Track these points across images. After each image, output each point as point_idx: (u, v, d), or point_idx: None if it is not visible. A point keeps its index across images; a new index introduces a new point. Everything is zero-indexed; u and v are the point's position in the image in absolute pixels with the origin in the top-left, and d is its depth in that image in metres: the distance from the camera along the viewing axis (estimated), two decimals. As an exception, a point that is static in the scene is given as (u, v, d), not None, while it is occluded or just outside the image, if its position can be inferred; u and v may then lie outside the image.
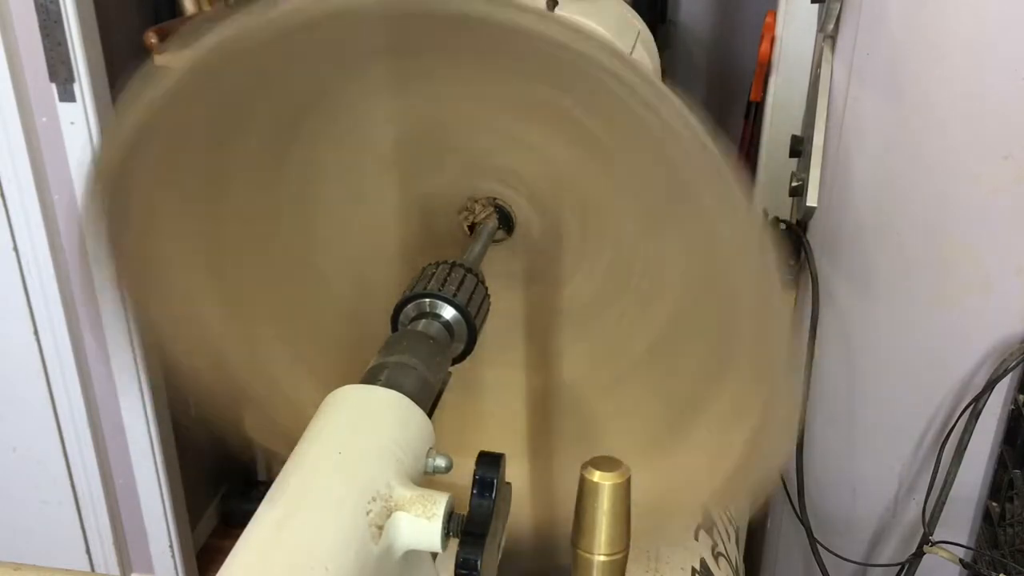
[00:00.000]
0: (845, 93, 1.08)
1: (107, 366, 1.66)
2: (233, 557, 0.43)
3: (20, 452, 1.72)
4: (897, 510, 1.21)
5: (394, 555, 0.47)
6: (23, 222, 1.51)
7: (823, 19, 1.12)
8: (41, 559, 1.79)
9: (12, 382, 1.65)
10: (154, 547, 1.84)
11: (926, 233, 1.06)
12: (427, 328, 0.61)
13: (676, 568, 0.88)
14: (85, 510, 1.76)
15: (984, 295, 1.05)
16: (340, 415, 0.51)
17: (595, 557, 0.63)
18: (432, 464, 0.52)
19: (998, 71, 0.95)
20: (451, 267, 0.65)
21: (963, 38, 0.96)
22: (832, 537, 1.23)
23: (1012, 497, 1.08)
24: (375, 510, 0.46)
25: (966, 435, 1.08)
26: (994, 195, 1.00)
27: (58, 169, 1.50)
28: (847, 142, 1.09)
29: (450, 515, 0.47)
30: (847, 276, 1.14)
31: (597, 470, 0.62)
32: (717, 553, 0.94)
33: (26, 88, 1.44)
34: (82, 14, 1.40)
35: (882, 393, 1.17)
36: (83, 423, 1.67)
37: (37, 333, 1.60)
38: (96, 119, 1.47)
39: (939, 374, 1.11)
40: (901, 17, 1.00)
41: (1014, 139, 0.97)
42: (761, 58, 1.73)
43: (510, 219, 0.76)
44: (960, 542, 1.15)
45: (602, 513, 0.62)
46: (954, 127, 1.00)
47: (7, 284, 1.56)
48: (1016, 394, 1.08)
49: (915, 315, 1.10)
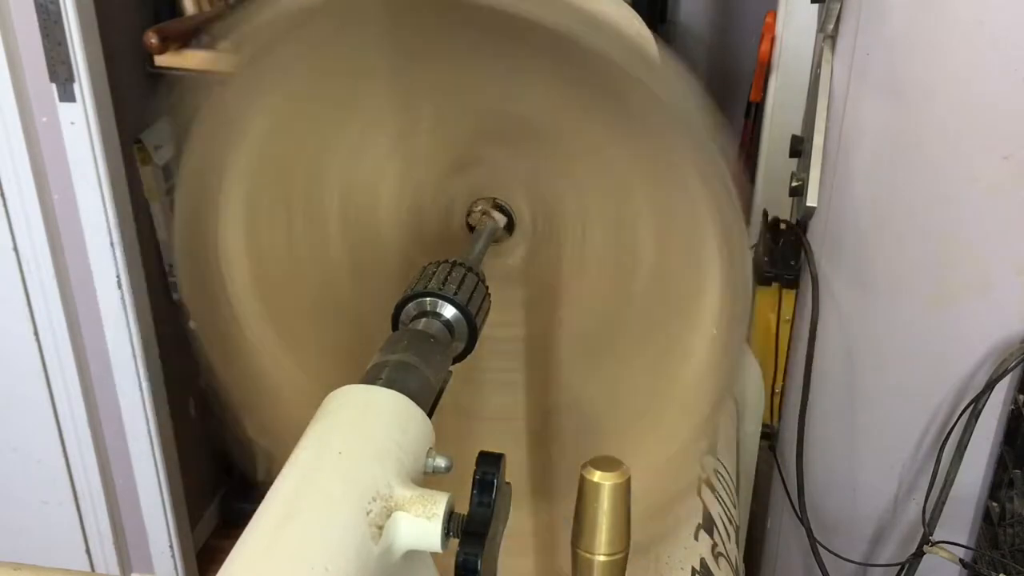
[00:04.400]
0: (845, 93, 1.08)
1: (107, 366, 1.66)
2: (233, 557, 0.43)
3: (20, 452, 1.72)
4: (897, 510, 1.21)
5: (394, 555, 0.47)
6: (23, 222, 1.51)
7: (823, 19, 1.12)
8: (41, 559, 1.79)
9: (12, 382, 1.65)
10: (154, 547, 1.84)
11: (926, 233, 1.06)
12: (428, 327, 0.61)
13: (676, 568, 0.88)
14: (85, 510, 1.76)
15: (984, 295, 1.05)
16: (340, 415, 0.51)
17: (595, 557, 0.63)
18: (432, 464, 0.52)
19: (998, 71, 0.95)
20: (452, 266, 0.65)
21: (963, 38, 0.96)
22: (832, 537, 1.23)
23: (1012, 497, 1.08)
24: (375, 510, 0.46)
25: (966, 435, 1.08)
26: (994, 195, 1.00)
27: (58, 169, 1.50)
28: (847, 142, 1.09)
29: (450, 515, 0.47)
30: (847, 276, 1.14)
31: (597, 470, 0.62)
32: (717, 553, 0.93)
33: (26, 88, 1.44)
34: (82, 14, 1.40)
35: (882, 393, 1.17)
36: (83, 423, 1.67)
37: (37, 333, 1.60)
38: (96, 119, 1.47)
39: (939, 374, 1.11)
40: (901, 17, 1.00)
41: (1014, 139, 0.97)
42: (761, 58, 1.74)
43: (510, 219, 0.76)
44: (960, 542, 1.15)
45: (602, 513, 0.62)
46: (954, 127, 1.00)
47: (7, 284, 1.56)
48: (1016, 394, 1.08)
49: (915, 315, 1.10)
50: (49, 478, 1.73)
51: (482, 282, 0.66)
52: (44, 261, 1.54)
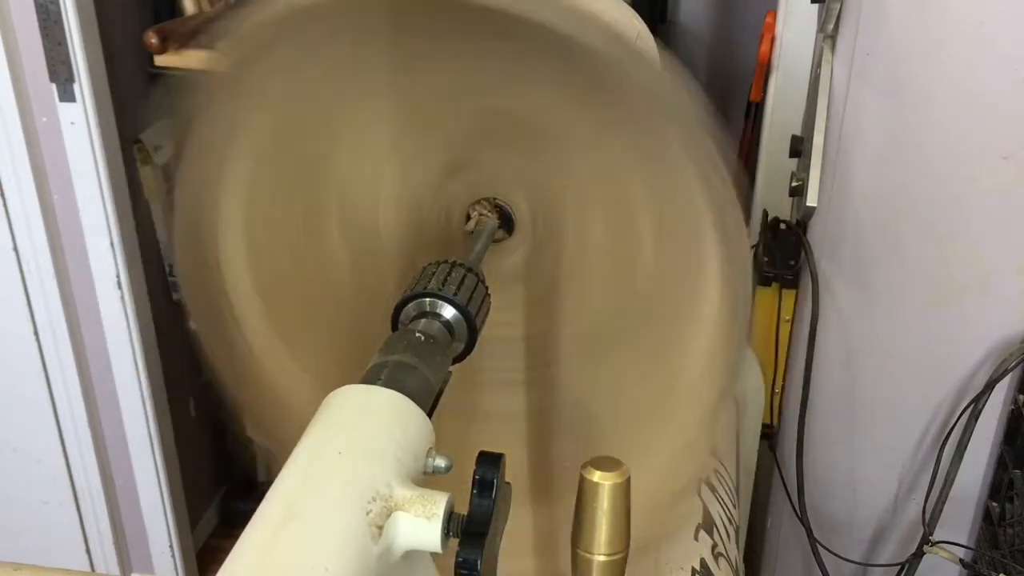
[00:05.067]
0: (845, 93, 1.08)
1: (107, 366, 1.66)
2: (233, 557, 0.43)
3: (20, 452, 1.72)
4: (897, 510, 1.21)
5: (394, 555, 0.47)
6: (23, 222, 1.51)
7: (823, 19, 1.12)
8: (41, 559, 1.79)
9: (12, 382, 1.65)
10: (154, 547, 1.84)
11: (926, 233, 1.06)
12: (427, 327, 0.61)
13: (676, 568, 0.88)
14: (85, 510, 1.76)
15: (984, 295, 1.05)
16: (340, 415, 0.51)
17: (595, 557, 0.63)
18: (432, 464, 0.52)
19: (998, 71, 0.95)
20: (451, 266, 0.65)
21: (963, 38, 0.96)
22: (832, 537, 1.23)
23: (1012, 497, 1.08)
24: (375, 510, 0.46)
25: (966, 435, 1.08)
26: (994, 195, 1.00)
27: (58, 169, 1.50)
28: (847, 142, 1.09)
29: (450, 515, 0.47)
30: (847, 276, 1.14)
31: (597, 470, 0.62)
32: (717, 553, 0.94)
33: (26, 88, 1.44)
34: (82, 14, 1.40)
35: (882, 393, 1.17)
36: (83, 423, 1.67)
37: (37, 333, 1.60)
38: (96, 119, 1.47)
39: (939, 374, 1.11)
40: (901, 17, 1.00)
41: (1014, 139, 0.97)
42: (761, 58, 1.73)
43: (510, 219, 0.76)
44: (960, 542, 1.15)
45: (602, 513, 0.62)
46: (954, 127, 1.00)
47: (7, 284, 1.56)
48: (1016, 394, 1.08)
49: (915, 315, 1.10)
50: (49, 478, 1.73)
51: (482, 282, 0.66)
52: (44, 261, 1.54)
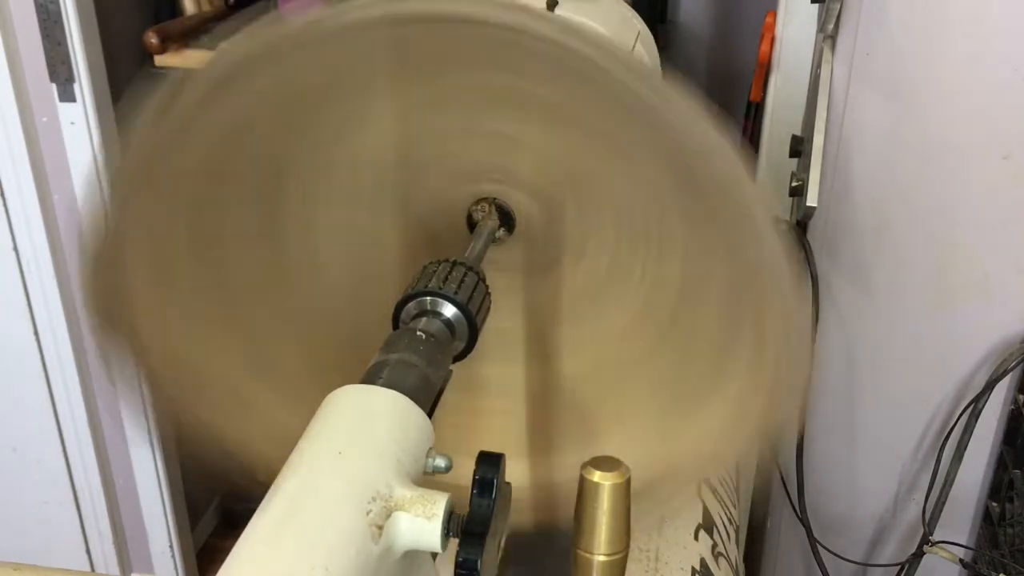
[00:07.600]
0: (845, 93, 1.08)
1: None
2: (233, 557, 0.43)
3: (20, 452, 1.72)
4: (897, 510, 1.21)
5: (394, 555, 0.47)
6: (23, 222, 1.51)
7: (823, 19, 1.12)
8: (41, 559, 1.79)
9: (12, 382, 1.65)
10: (154, 547, 1.84)
11: (926, 233, 1.06)
12: (428, 326, 0.61)
13: (676, 568, 0.88)
14: (85, 510, 1.76)
15: (984, 295, 1.05)
16: (340, 415, 0.51)
17: (595, 557, 0.63)
18: (432, 464, 0.52)
19: (998, 71, 0.95)
20: (452, 265, 0.65)
21: (963, 38, 0.96)
22: (832, 537, 1.23)
23: (1012, 497, 1.08)
24: (375, 510, 0.46)
25: (966, 435, 1.08)
26: (994, 195, 1.00)
27: (58, 169, 1.50)
28: (847, 142, 1.09)
29: (450, 515, 0.47)
30: (847, 276, 1.14)
31: (597, 470, 0.62)
32: (717, 553, 0.94)
33: (26, 88, 1.44)
34: (82, 14, 1.40)
35: (882, 393, 1.17)
36: (83, 423, 1.67)
37: (37, 333, 1.60)
38: (96, 119, 1.46)
39: (939, 374, 1.11)
40: (901, 17, 1.00)
41: (1014, 139, 0.97)
42: (761, 58, 1.73)
43: (510, 218, 0.76)
44: (960, 542, 1.15)
45: (602, 513, 0.62)
46: (954, 127, 1.00)
47: (7, 284, 1.56)
48: (1016, 394, 1.08)
49: (915, 315, 1.10)
50: (49, 478, 1.73)
51: (482, 281, 0.66)
52: (44, 261, 1.54)
